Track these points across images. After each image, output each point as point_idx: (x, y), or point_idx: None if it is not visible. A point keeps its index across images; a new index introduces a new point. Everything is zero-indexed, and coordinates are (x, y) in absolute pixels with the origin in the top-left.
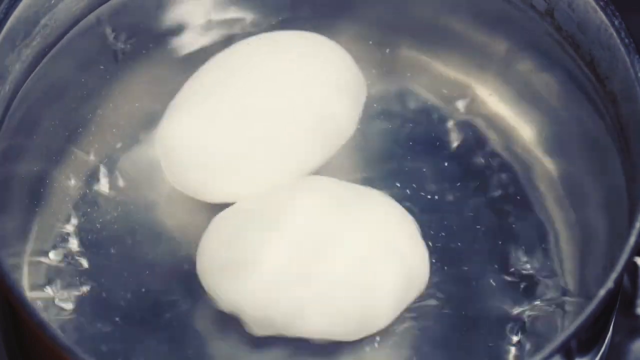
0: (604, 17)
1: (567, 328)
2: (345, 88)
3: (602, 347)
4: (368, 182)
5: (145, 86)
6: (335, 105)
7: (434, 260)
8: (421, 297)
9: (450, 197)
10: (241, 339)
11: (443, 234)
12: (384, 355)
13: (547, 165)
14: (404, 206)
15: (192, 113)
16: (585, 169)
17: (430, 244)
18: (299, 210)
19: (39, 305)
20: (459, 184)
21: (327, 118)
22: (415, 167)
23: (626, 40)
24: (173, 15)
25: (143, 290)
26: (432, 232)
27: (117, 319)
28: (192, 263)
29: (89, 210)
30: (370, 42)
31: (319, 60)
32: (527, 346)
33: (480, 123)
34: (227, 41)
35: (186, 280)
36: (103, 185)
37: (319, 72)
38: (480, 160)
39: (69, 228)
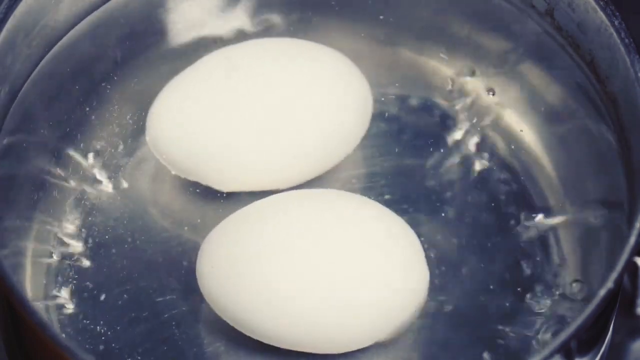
0: (604, 17)
1: (567, 328)
2: (352, 99)
3: (602, 347)
4: (368, 181)
5: (145, 87)
6: (341, 115)
7: (434, 260)
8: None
9: (449, 197)
10: (241, 339)
11: (443, 233)
12: (384, 355)
13: (547, 165)
14: (403, 206)
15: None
16: (585, 169)
17: (430, 243)
18: (296, 222)
19: (39, 305)
20: (458, 183)
21: (332, 129)
22: (414, 166)
23: (626, 40)
24: (173, 17)
25: (143, 290)
26: (432, 232)
27: (117, 319)
28: (192, 263)
29: (89, 210)
30: (371, 43)
31: (325, 69)
32: (528, 346)
33: (480, 123)
34: (227, 44)
35: (186, 280)
36: (103, 186)
37: (326, 82)
38: (480, 159)
39: (70, 228)
